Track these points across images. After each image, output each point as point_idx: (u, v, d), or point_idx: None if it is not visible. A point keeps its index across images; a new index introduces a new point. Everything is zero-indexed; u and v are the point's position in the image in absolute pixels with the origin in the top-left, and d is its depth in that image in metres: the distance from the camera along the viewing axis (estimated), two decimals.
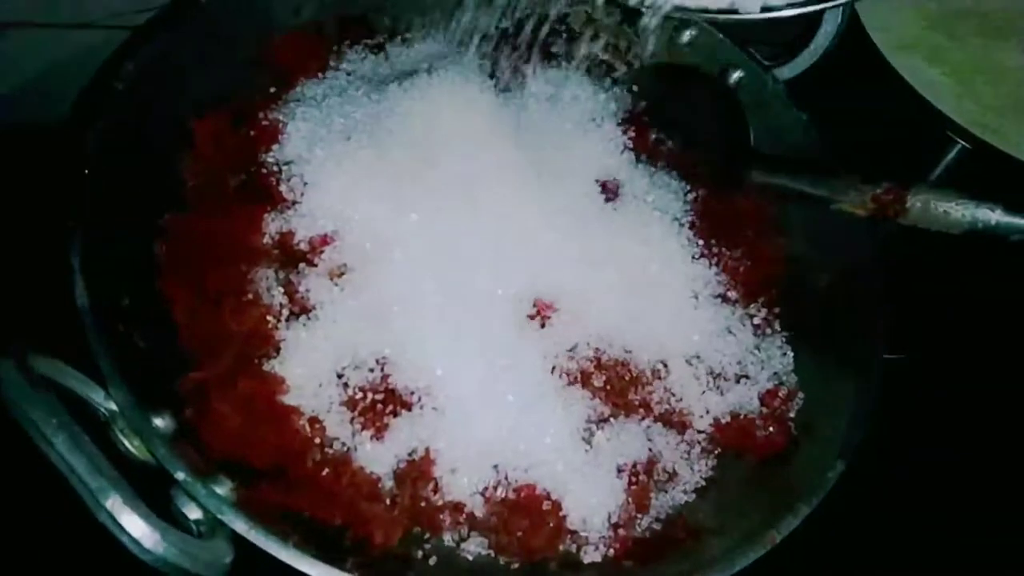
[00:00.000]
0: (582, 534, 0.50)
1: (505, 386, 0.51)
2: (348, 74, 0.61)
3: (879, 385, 0.54)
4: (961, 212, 0.51)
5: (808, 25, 0.64)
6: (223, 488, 0.43)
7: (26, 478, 0.40)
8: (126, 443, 0.43)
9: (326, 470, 0.48)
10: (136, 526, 0.35)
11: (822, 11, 0.42)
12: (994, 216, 0.51)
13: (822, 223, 0.58)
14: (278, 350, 0.50)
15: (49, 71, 0.71)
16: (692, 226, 0.60)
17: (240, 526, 0.41)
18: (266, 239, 0.52)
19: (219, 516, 0.41)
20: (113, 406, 0.43)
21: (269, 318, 0.51)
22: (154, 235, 0.53)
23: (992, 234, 0.51)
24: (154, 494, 0.42)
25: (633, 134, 0.62)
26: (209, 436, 0.47)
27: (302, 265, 0.52)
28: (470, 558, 0.49)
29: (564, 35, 0.67)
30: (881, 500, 0.59)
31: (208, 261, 0.52)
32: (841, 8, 0.63)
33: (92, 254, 0.48)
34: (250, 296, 0.51)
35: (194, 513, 0.41)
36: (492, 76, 0.62)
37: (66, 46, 0.70)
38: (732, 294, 0.58)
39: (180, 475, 0.42)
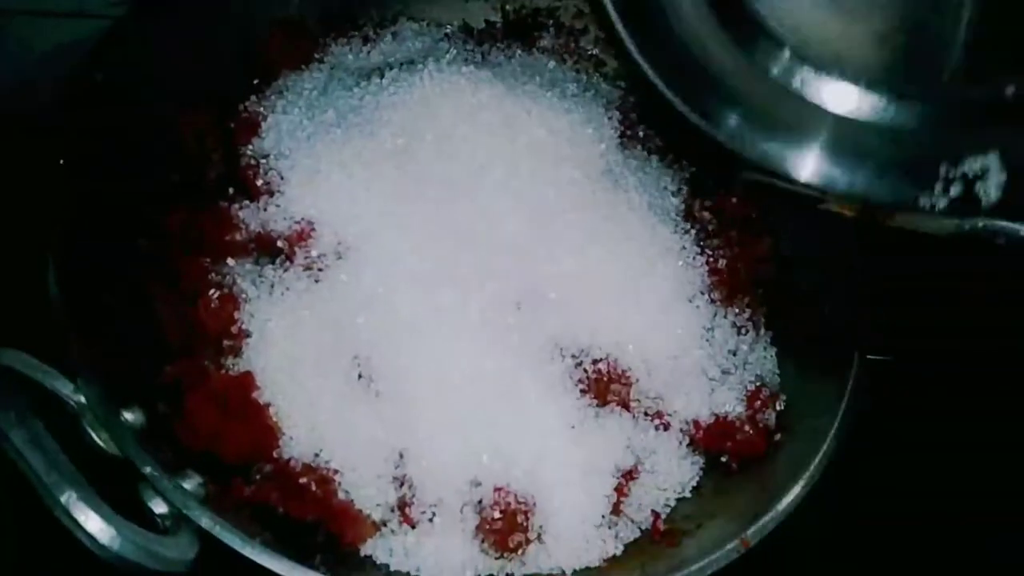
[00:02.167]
0: (558, 534, 0.50)
1: (485, 383, 0.51)
2: (332, 67, 0.60)
3: (862, 387, 0.53)
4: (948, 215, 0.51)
5: None
6: (190, 483, 0.43)
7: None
8: (95, 436, 0.42)
9: (298, 467, 0.48)
10: (92, 522, 0.35)
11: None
12: (980, 219, 0.50)
13: (808, 223, 0.58)
14: (251, 345, 0.49)
15: (42, 59, 0.71)
16: (679, 223, 0.59)
17: (205, 522, 0.41)
18: (243, 233, 0.52)
19: (184, 511, 0.41)
20: (82, 399, 0.42)
21: (244, 313, 0.50)
22: (132, 227, 0.53)
23: (978, 237, 0.50)
24: (122, 488, 0.42)
25: (622, 129, 0.61)
26: (182, 431, 0.47)
27: (279, 259, 0.52)
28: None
29: (552, 29, 0.66)
30: (860, 505, 0.58)
31: (185, 255, 0.52)
32: None
33: (68, 246, 0.48)
34: (225, 291, 0.50)
35: (160, 507, 0.41)
36: (477, 69, 0.61)
37: (59, 34, 0.70)
38: (717, 293, 0.58)
39: (147, 469, 0.42)
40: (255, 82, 0.59)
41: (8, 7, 0.69)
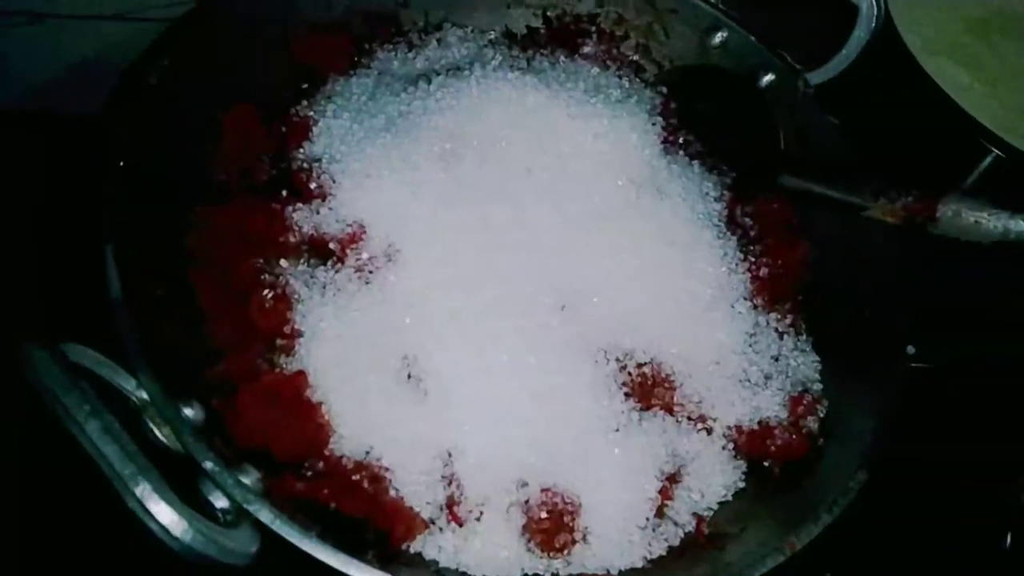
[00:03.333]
0: (603, 535, 0.50)
1: (531, 386, 0.51)
2: (379, 73, 0.61)
3: (904, 393, 0.53)
4: (992, 222, 0.51)
5: (841, 28, 0.64)
6: (249, 478, 0.44)
7: (57, 466, 0.41)
8: (156, 431, 0.43)
9: (350, 464, 0.48)
10: (164, 513, 0.36)
11: None
12: None
13: (848, 229, 0.58)
14: (304, 344, 0.50)
15: (80, 62, 0.73)
16: (721, 229, 0.59)
17: (265, 515, 0.42)
18: (295, 235, 0.53)
19: (245, 505, 0.42)
20: (144, 395, 0.43)
21: (297, 313, 0.51)
22: (185, 228, 0.54)
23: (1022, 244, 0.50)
24: (182, 482, 0.42)
25: (664, 135, 0.61)
26: (234, 427, 0.48)
27: (331, 261, 0.53)
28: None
29: (594, 35, 0.67)
30: (904, 509, 0.58)
31: (236, 255, 0.53)
32: (875, 11, 0.62)
33: (124, 246, 0.48)
34: (277, 291, 0.51)
35: (221, 502, 0.42)
36: (522, 75, 0.62)
37: (97, 38, 0.72)
38: (759, 299, 0.58)
39: (208, 464, 0.42)
40: (304, 87, 0.60)
41: (45, 11, 0.71)
